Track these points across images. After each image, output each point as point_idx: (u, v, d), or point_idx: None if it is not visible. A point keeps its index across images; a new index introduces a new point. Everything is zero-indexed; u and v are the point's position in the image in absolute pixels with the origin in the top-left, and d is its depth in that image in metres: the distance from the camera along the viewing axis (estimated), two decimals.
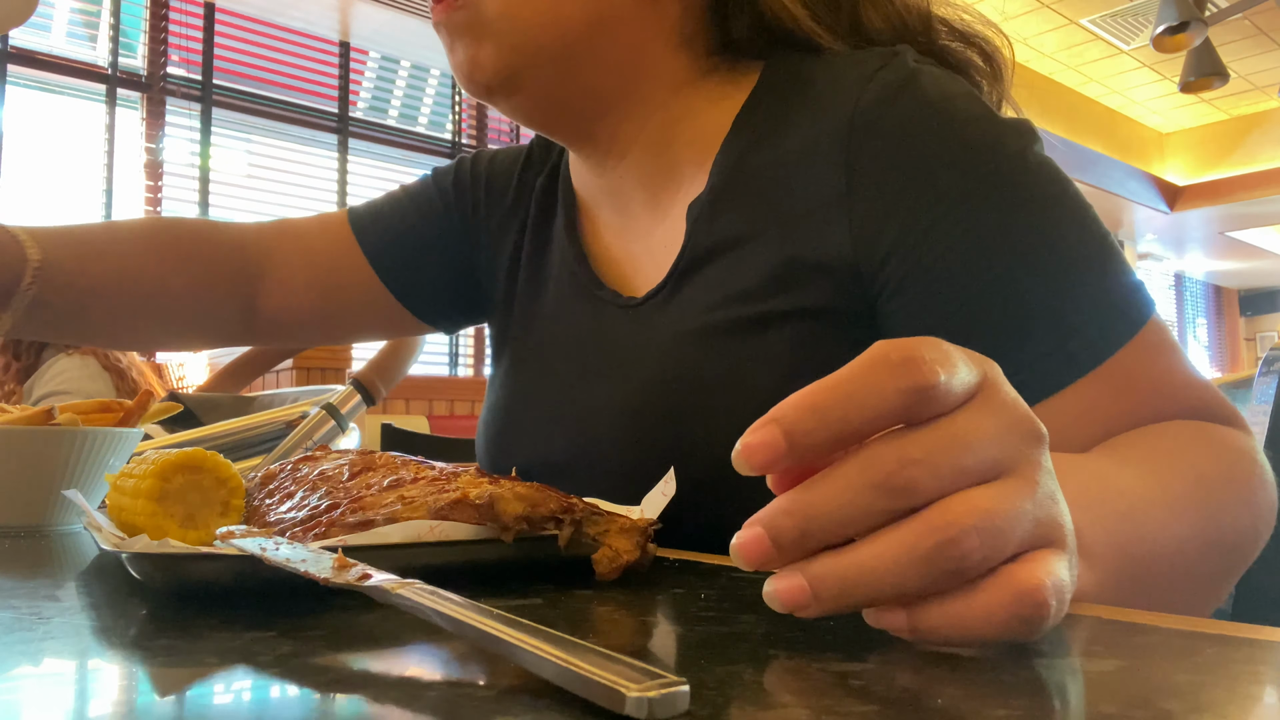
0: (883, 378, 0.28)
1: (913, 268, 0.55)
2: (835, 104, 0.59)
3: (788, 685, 0.26)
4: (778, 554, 0.29)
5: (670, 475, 0.50)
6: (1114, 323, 0.53)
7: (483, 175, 0.83)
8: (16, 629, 0.32)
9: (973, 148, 0.55)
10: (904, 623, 0.29)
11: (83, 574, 0.45)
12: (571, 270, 0.72)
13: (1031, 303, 0.53)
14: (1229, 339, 10.13)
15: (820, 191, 0.58)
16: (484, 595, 0.34)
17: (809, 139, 0.60)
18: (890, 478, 0.28)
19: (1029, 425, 0.30)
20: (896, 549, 0.28)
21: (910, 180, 0.55)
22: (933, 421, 0.29)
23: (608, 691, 0.22)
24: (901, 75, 0.58)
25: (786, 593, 0.29)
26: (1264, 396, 1.00)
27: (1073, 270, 0.53)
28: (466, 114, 4.94)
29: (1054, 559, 0.29)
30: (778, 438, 0.28)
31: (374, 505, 0.43)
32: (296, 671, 0.27)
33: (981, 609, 0.28)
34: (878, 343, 0.29)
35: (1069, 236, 0.54)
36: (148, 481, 0.47)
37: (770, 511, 0.29)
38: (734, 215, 0.62)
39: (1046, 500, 0.29)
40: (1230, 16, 4.63)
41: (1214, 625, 0.33)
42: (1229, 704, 0.25)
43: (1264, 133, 6.77)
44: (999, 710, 0.24)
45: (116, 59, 3.87)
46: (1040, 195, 0.55)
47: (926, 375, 0.28)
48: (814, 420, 0.28)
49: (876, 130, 0.57)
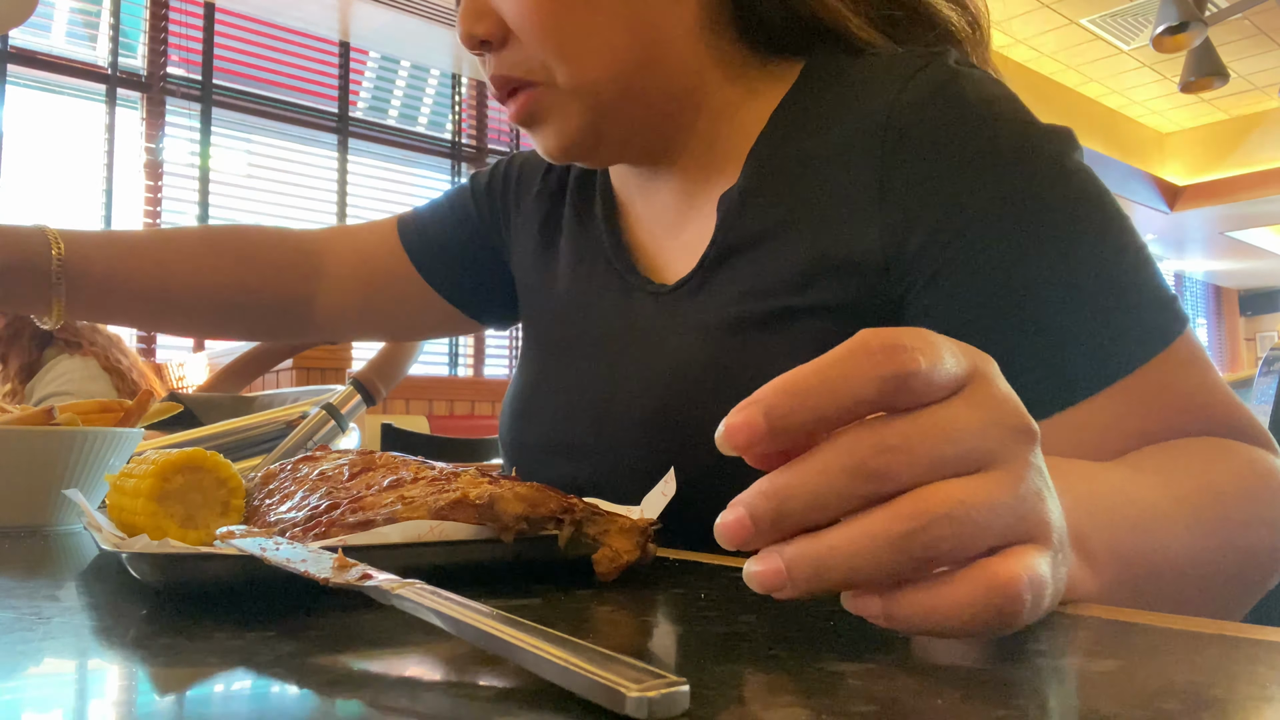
0: (862, 364, 0.28)
1: (942, 268, 0.55)
2: (873, 102, 0.59)
3: (788, 685, 0.26)
4: (756, 534, 0.29)
5: (670, 475, 0.50)
6: (1144, 335, 0.52)
7: (515, 175, 0.86)
8: (16, 629, 0.32)
9: (1010, 151, 0.55)
10: (879, 609, 0.29)
11: (83, 574, 0.45)
12: (607, 258, 0.74)
13: (1060, 310, 0.52)
14: (1229, 339, 10.12)
15: (853, 188, 0.58)
16: (484, 595, 0.34)
17: (845, 135, 0.60)
18: (865, 462, 0.28)
19: (1018, 421, 0.30)
20: (868, 533, 0.28)
21: (945, 181, 0.55)
22: (915, 410, 0.29)
23: (608, 691, 0.22)
24: (942, 76, 0.58)
25: (762, 574, 0.29)
26: (1264, 396, 1.00)
27: (1104, 280, 0.53)
28: (466, 114, 4.94)
29: (1034, 555, 0.29)
30: (757, 419, 0.28)
31: (374, 505, 0.43)
32: (296, 671, 0.27)
33: (954, 599, 0.28)
34: (862, 331, 0.29)
35: (1103, 245, 0.53)
36: (148, 481, 0.47)
37: (750, 493, 0.29)
38: (765, 209, 0.63)
39: (1033, 496, 0.29)
40: (1230, 16, 4.63)
41: (1214, 625, 0.33)
42: (1229, 704, 0.25)
43: (1264, 133, 6.77)
44: (999, 710, 0.24)
45: (116, 59, 3.87)
46: (1076, 202, 0.54)
47: (906, 363, 0.28)
48: (792, 403, 0.28)
49: (914, 130, 0.57)
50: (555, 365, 0.74)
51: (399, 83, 4.81)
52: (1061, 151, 0.56)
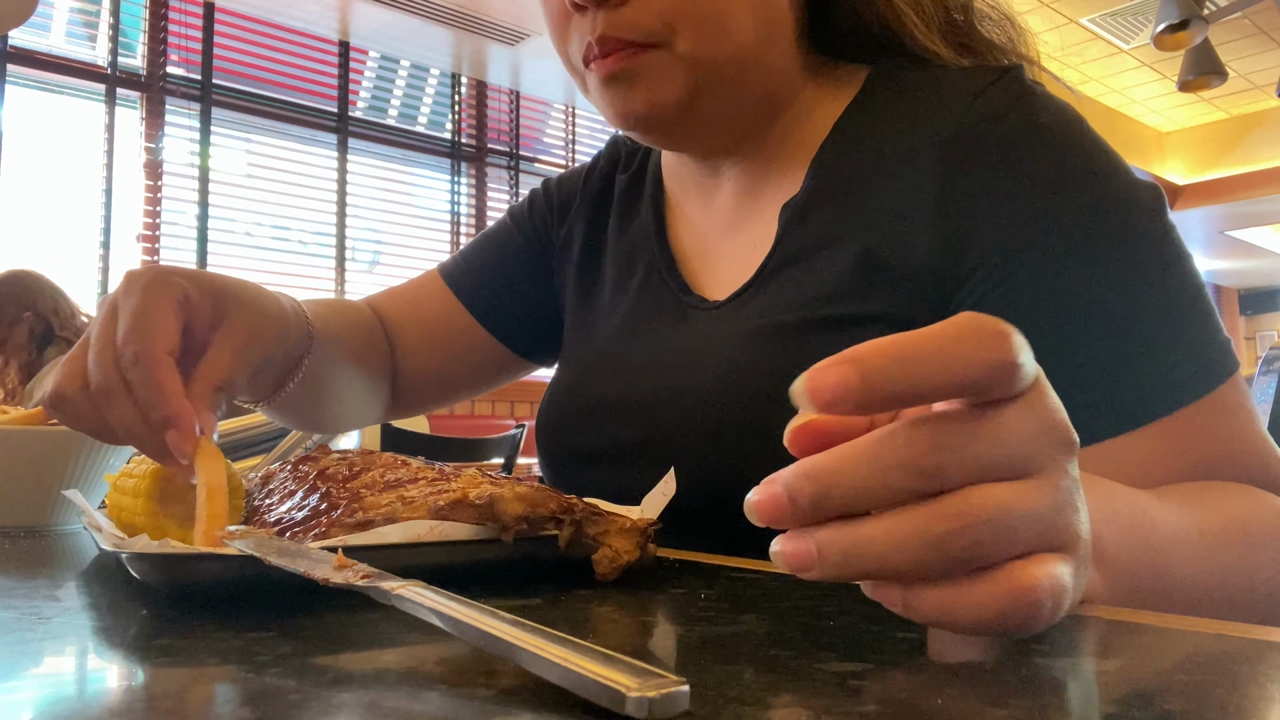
0: (974, 345, 0.27)
1: (998, 284, 0.54)
2: (941, 114, 0.59)
3: (788, 685, 0.26)
4: (792, 515, 0.29)
5: (670, 475, 0.50)
6: (1191, 377, 0.52)
7: (553, 196, 0.86)
8: (16, 629, 0.32)
9: (1076, 174, 0.55)
10: (899, 599, 0.29)
11: (83, 574, 0.45)
12: (657, 269, 0.73)
13: (1110, 340, 0.52)
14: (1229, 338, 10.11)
15: (912, 197, 0.58)
16: (484, 595, 0.34)
17: (908, 146, 0.59)
18: (920, 459, 0.28)
19: (1064, 432, 0.30)
20: (909, 530, 0.28)
21: (1007, 198, 0.55)
22: (978, 409, 0.28)
23: (608, 691, 0.22)
24: (1013, 93, 0.57)
25: (793, 554, 0.29)
26: (1264, 396, 1.00)
27: (1158, 315, 0.52)
28: (466, 114, 4.94)
29: (1059, 563, 0.29)
30: (852, 378, 0.27)
31: (374, 505, 0.43)
32: (296, 671, 0.27)
33: (976, 598, 0.28)
34: (965, 313, 0.29)
35: (1161, 279, 0.53)
36: (148, 481, 0.47)
37: (793, 473, 0.29)
38: (825, 218, 0.62)
39: (1066, 507, 0.29)
40: (1230, 15, 4.63)
41: (1214, 625, 0.33)
42: (1229, 704, 0.25)
43: (1264, 132, 6.77)
44: (999, 710, 0.24)
45: (116, 59, 3.87)
46: (1139, 232, 0.54)
47: (1013, 354, 0.28)
48: (894, 368, 0.27)
49: (981, 144, 0.56)
50: (603, 374, 0.73)
51: (399, 82, 4.81)
52: (1131, 179, 0.55)
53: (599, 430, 0.70)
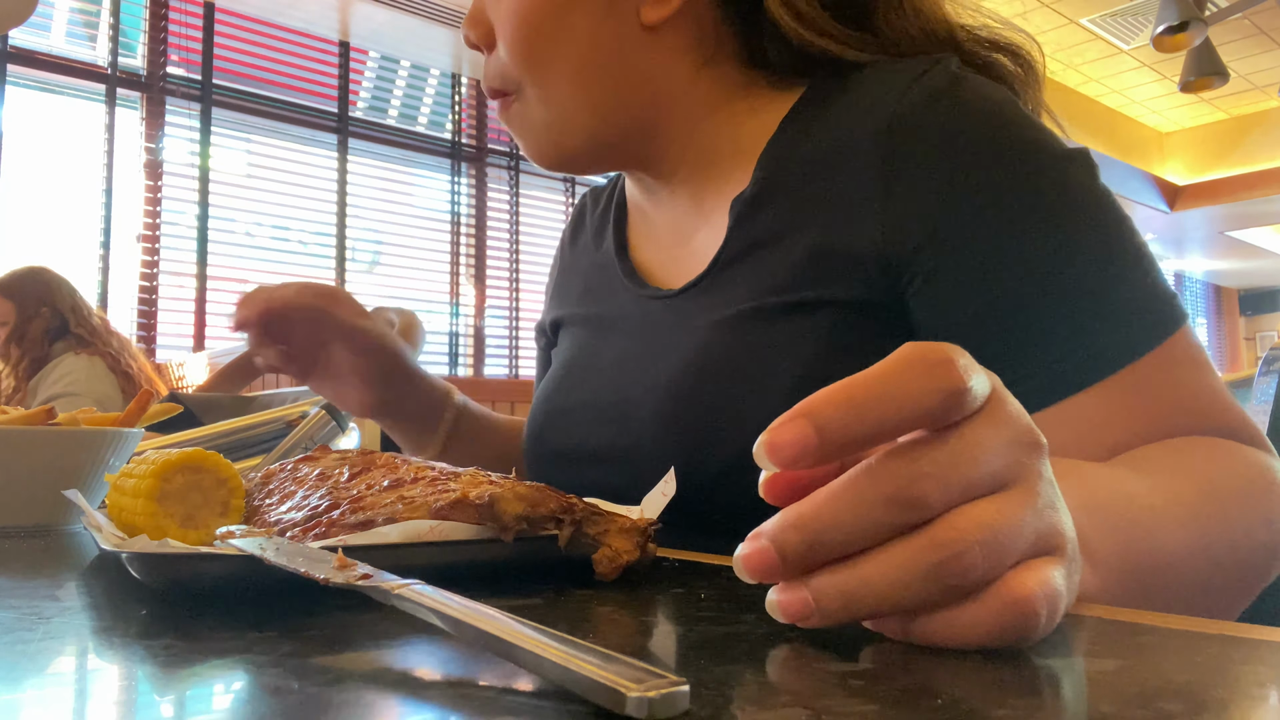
0: (920, 378, 0.28)
1: (942, 262, 0.55)
2: (877, 105, 0.60)
3: (788, 685, 0.26)
4: (783, 568, 0.29)
5: (670, 475, 0.50)
6: (1139, 330, 0.52)
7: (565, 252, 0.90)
8: (16, 629, 0.32)
9: (1010, 150, 0.56)
10: (897, 627, 0.30)
11: (83, 574, 0.45)
12: (619, 274, 0.76)
13: (1054, 306, 0.53)
14: (1229, 339, 10.12)
15: (856, 186, 0.59)
16: (484, 595, 0.34)
17: (851, 137, 0.61)
18: (902, 490, 0.28)
19: (1030, 436, 0.30)
20: (901, 564, 0.28)
21: (946, 179, 0.56)
22: (945, 432, 0.29)
23: (608, 691, 0.22)
24: (944, 81, 0.59)
25: (790, 605, 0.29)
26: (1264, 396, 1.00)
27: (1102, 274, 0.53)
28: (466, 114, 4.94)
29: (1050, 568, 0.29)
30: (808, 433, 0.27)
31: (374, 505, 0.43)
32: (296, 671, 0.27)
33: (973, 617, 0.28)
34: (907, 344, 0.29)
35: (1102, 240, 0.54)
36: (148, 481, 0.47)
37: (778, 525, 0.29)
38: (774, 210, 0.64)
39: (1047, 509, 0.29)
40: (1230, 16, 4.63)
41: (1214, 625, 0.33)
42: (1229, 704, 0.25)
43: (1264, 132, 6.77)
44: (999, 710, 0.24)
45: (116, 59, 3.87)
46: (1075, 198, 0.55)
47: (960, 379, 0.28)
48: (850, 416, 0.27)
49: (916, 131, 0.58)
50: (575, 380, 0.76)
51: (399, 82, 4.81)
52: (1063, 150, 0.57)
53: (570, 432, 0.73)
